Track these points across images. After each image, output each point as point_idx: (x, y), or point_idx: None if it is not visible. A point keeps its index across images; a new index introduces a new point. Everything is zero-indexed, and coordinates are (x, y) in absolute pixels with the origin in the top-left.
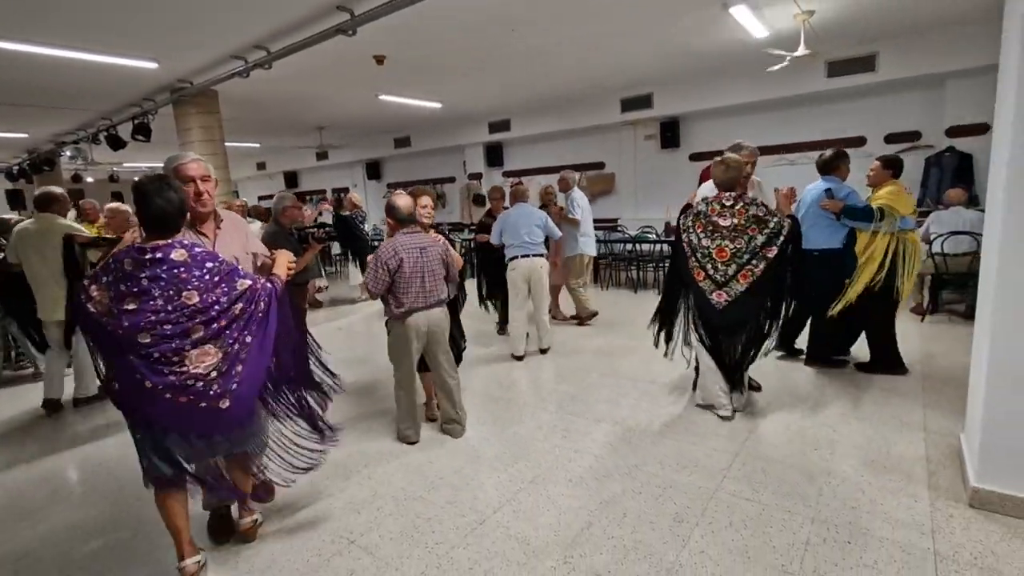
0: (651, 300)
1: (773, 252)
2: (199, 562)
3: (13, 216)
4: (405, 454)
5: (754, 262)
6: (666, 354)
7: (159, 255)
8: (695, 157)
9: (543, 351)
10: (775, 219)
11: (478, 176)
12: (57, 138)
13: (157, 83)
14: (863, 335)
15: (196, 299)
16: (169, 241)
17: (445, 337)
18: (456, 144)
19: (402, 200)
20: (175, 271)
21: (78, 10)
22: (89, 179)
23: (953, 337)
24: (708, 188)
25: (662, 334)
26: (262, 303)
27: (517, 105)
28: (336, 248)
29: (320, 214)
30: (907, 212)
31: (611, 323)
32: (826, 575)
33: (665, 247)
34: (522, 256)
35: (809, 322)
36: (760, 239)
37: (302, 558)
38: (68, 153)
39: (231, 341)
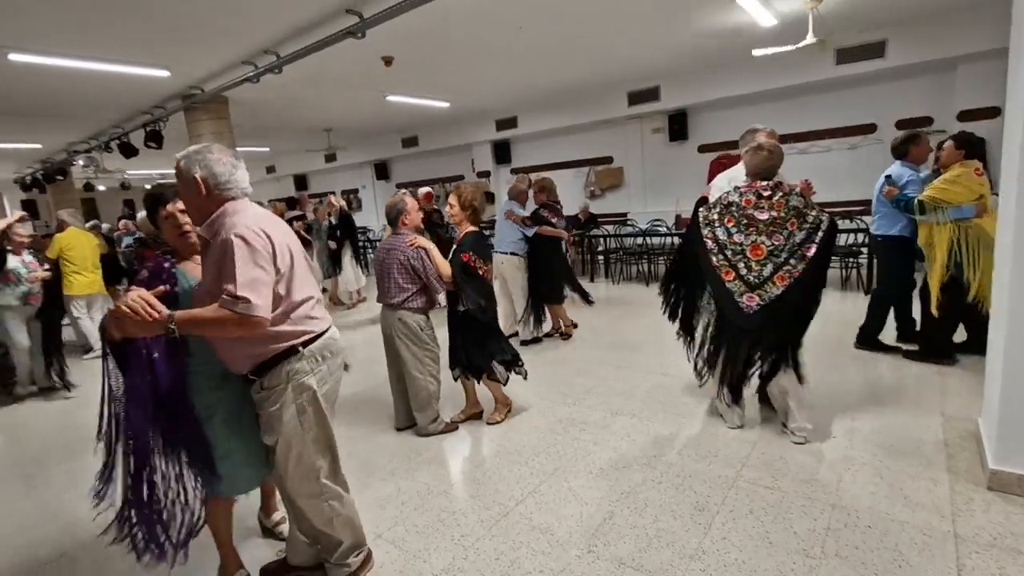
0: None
1: (812, 250)
2: None
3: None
4: (427, 450)
5: (792, 262)
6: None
7: None
8: (704, 149)
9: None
10: (814, 212)
11: (486, 174)
12: (70, 147)
13: (168, 91)
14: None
15: None
16: None
17: (399, 339)
18: (464, 143)
19: (388, 201)
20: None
21: (89, 21)
22: (101, 187)
23: None
24: (725, 180)
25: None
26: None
27: (524, 102)
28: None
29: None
30: (961, 200)
31: (624, 316)
32: (848, 559)
33: (675, 240)
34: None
35: (870, 304)
36: (799, 235)
37: None
38: (81, 162)
39: None
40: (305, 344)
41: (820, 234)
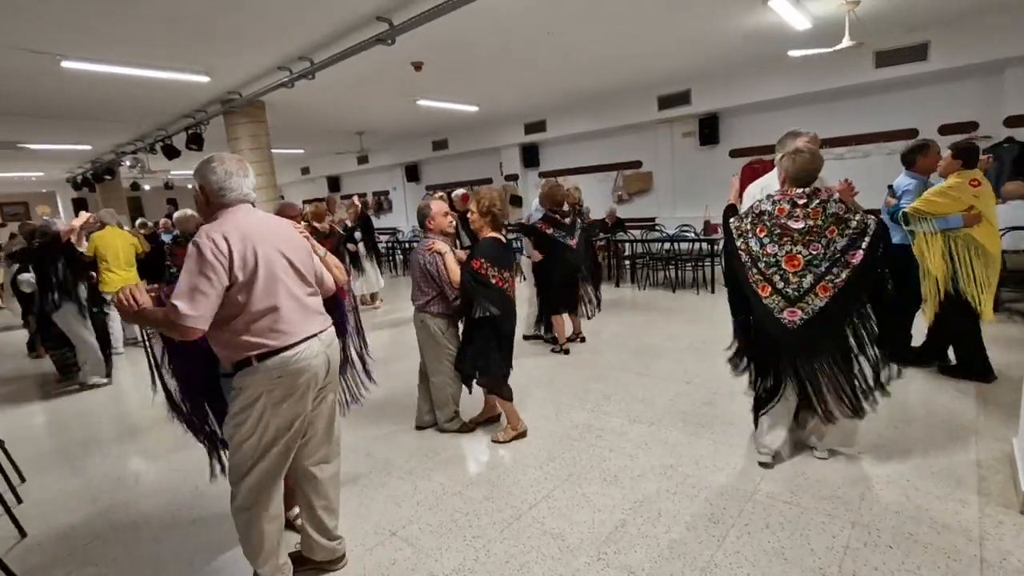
0: (689, 299)
1: (858, 257)
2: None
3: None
4: (444, 450)
5: (835, 270)
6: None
7: None
8: (735, 154)
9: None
10: (858, 216)
11: (514, 177)
12: (117, 149)
13: (208, 95)
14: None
15: None
16: None
17: (420, 340)
18: (493, 146)
19: (419, 204)
20: None
21: (137, 30)
22: (146, 187)
23: (1011, 337)
24: (757, 189)
25: (744, 360)
26: None
27: (552, 105)
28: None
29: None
30: (946, 211)
31: (648, 323)
32: None
33: (703, 246)
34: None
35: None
36: (841, 242)
37: (347, 547)
38: (128, 163)
39: None
40: (260, 358)
41: (867, 239)
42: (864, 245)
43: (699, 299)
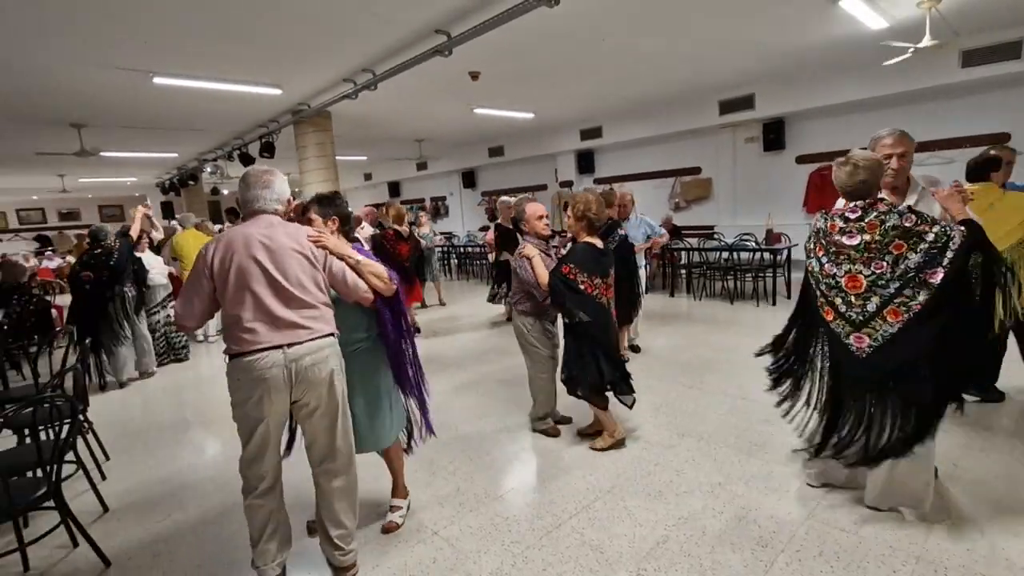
0: (748, 312)
1: (939, 276)
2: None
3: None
4: (488, 453)
5: (908, 292)
6: (785, 415)
7: None
8: (803, 160)
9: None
10: (936, 228)
11: (569, 184)
12: (200, 156)
13: (280, 107)
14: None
15: None
16: None
17: (516, 336)
18: (548, 152)
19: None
20: None
21: (218, 48)
22: (224, 191)
23: None
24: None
25: (787, 383)
26: None
27: (609, 111)
28: None
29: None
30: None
31: (703, 334)
32: None
33: (765, 256)
34: None
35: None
36: (914, 258)
37: (389, 543)
38: (209, 169)
39: None
40: (229, 356)
41: (949, 254)
42: (946, 262)
43: (759, 312)
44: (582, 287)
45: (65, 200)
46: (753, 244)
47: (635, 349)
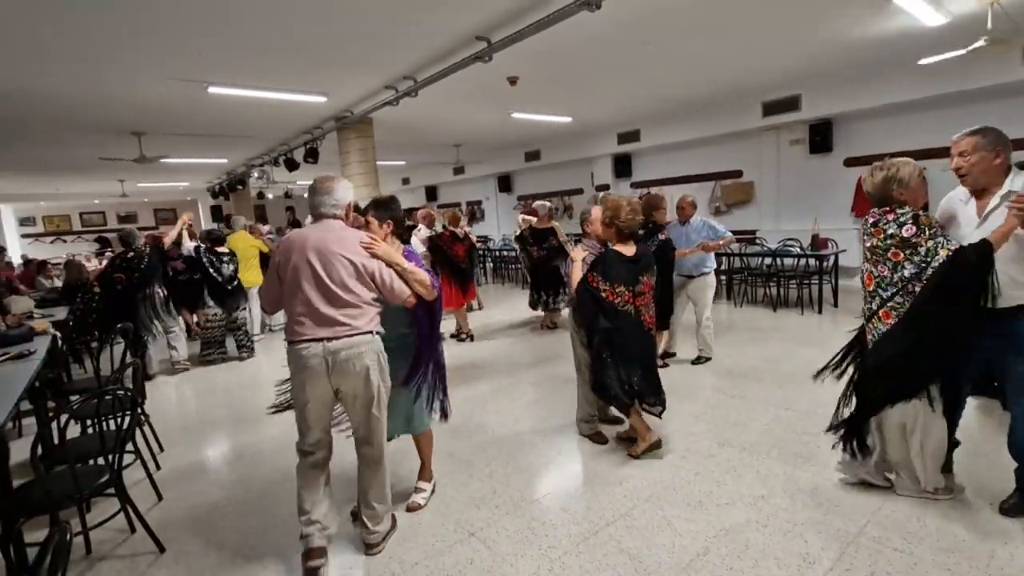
0: (792, 319)
1: (919, 289)
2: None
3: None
4: (524, 456)
5: (899, 299)
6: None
7: None
8: (851, 162)
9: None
10: (931, 242)
11: (605, 187)
12: (248, 162)
13: (325, 113)
14: None
15: None
16: None
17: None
18: (584, 156)
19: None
20: None
21: (268, 58)
22: (269, 195)
23: None
24: (945, 199)
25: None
26: None
27: (647, 114)
28: None
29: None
30: None
31: (745, 343)
32: None
33: (811, 262)
34: None
35: None
36: (908, 269)
37: (428, 542)
38: (256, 174)
39: None
40: (287, 343)
41: (930, 270)
42: (924, 277)
43: (804, 320)
44: (603, 295)
45: (124, 204)
46: (798, 249)
47: (666, 356)
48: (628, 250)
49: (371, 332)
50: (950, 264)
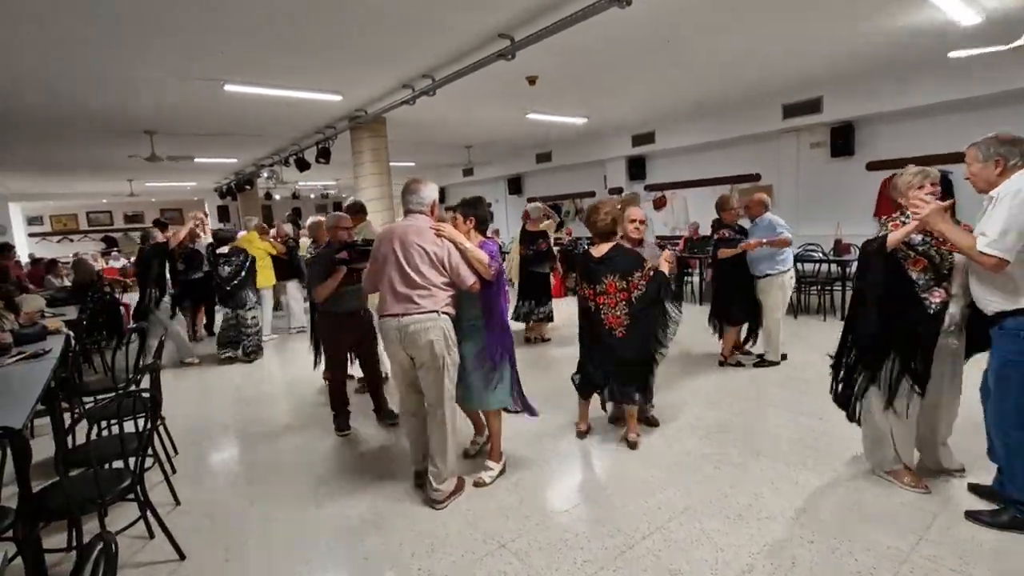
0: (813, 327)
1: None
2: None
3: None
4: (547, 464)
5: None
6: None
7: None
8: (874, 166)
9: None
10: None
11: (618, 190)
12: (258, 162)
13: (339, 112)
14: None
15: None
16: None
17: None
18: (597, 159)
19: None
20: None
21: (285, 57)
22: (276, 196)
23: None
24: (987, 198)
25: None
26: None
27: (663, 116)
28: None
29: None
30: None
31: None
32: None
33: (833, 267)
34: None
35: None
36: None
37: (457, 552)
38: (265, 174)
39: None
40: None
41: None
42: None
43: (826, 327)
44: (581, 292)
45: (131, 204)
46: (819, 255)
47: (740, 352)
48: (599, 250)
49: (437, 312)
50: (861, 259)
